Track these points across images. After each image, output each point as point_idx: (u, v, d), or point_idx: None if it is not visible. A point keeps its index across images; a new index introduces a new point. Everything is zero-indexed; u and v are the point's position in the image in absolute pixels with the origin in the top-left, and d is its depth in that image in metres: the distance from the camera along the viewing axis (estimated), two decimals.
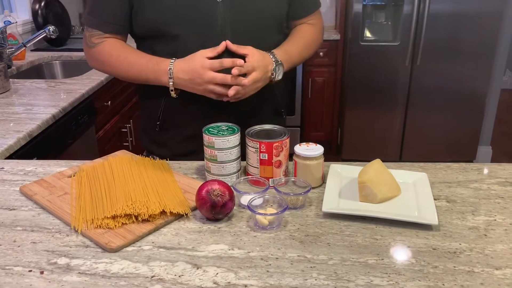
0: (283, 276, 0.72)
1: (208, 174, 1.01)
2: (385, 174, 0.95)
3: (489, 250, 0.78)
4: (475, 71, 3.02)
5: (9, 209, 0.93)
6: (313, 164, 0.98)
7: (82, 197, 0.93)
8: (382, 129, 3.23)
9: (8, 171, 1.09)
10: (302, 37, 1.27)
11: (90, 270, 0.74)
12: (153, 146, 1.29)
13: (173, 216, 0.87)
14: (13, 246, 0.80)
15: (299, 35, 1.27)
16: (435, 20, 2.89)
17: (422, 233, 0.83)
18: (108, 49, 1.17)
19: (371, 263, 0.75)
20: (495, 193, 0.97)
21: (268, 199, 0.91)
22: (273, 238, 0.82)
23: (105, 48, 1.17)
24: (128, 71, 1.16)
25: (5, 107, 1.65)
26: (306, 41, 1.27)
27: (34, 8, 2.65)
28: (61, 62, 2.56)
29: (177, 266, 0.75)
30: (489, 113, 3.22)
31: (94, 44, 1.17)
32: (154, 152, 1.28)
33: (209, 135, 0.97)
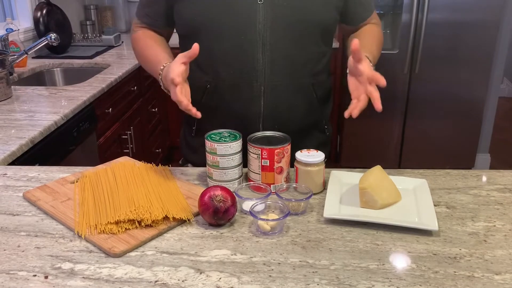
0: (285, 281, 0.73)
1: (210, 180, 1.02)
2: (385, 181, 0.96)
3: (489, 255, 0.79)
4: (473, 79, 3.04)
5: (12, 214, 0.93)
6: (314, 170, 0.99)
7: (85, 203, 0.94)
8: (381, 136, 3.25)
9: (11, 177, 1.10)
10: (374, 35, 1.24)
11: (94, 275, 0.75)
12: (189, 152, 1.29)
13: (175, 222, 0.88)
14: (17, 251, 0.81)
15: (371, 34, 1.24)
16: (433, 29, 2.92)
17: (422, 238, 0.84)
18: (138, 37, 1.24)
19: (372, 268, 0.76)
20: (494, 200, 0.98)
21: (270, 205, 0.91)
22: (275, 243, 0.83)
23: (137, 36, 1.25)
24: (145, 63, 1.22)
25: (7, 113, 1.66)
26: (379, 40, 1.25)
27: (35, 16, 2.67)
28: (62, 69, 2.58)
29: (180, 271, 0.75)
30: (487, 121, 3.24)
31: (133, 31, 1.27)
32: (188, 158, 1.29)
33: (211, 142, 0.98)
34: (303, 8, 1.10)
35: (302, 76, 1.15)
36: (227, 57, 1.11)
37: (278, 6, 1.08)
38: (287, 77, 1.14)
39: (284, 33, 1.10)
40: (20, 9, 2.77)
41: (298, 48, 1.12)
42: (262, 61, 1.10)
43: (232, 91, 1.14)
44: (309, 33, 1.13)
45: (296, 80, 1.15)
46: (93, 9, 3.31)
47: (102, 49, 2.85)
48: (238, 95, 1.14)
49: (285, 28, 1.09)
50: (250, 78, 1.12)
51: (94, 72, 2.34)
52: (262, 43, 1.09)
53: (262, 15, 1.08)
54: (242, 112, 1.15)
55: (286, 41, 1.11)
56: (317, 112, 1.23)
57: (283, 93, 1.14)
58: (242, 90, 1.13)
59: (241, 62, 1.11)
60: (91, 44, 3.00)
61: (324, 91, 1.23)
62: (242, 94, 1.13)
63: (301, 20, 1.10)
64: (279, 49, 1.10)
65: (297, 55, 1.12)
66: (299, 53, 1.12)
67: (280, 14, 1.08)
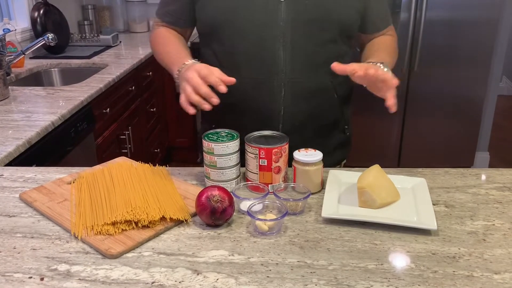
0: (283, 281, 0.72)
1: (208, 180, 1.01)
2: (384, 180, 0.96)
3: (488, 254, 0.79)
4: (472, 77, 3.04)
5: (8, 216, 0.93)
6: (312, 170, 0.99)
7: (82, 204, 0.93)
8: (380, 135, 3.24)
9: (7, 178, 1.09)
10: (387, 45, 1.24)
11: (90, 276, 0.74)
12: None
13: (173, 222, 0.87)
14: (13, 253, 0.80)
15: (383, 43, 1.23)
16: (432, 27, 2.91)
17: (421, 238, 0.83)
18: (157, 35, 1.25)
19: (371, 268, 0.75)
20: (493, 198, 0.98)
21: (267, 205, 0.91)
22: (273, 243, 0.82)
23: (156, 34, 1.26)
24: (163, 60, 1.20)
25: (4, 114, 1.65)
26: (391, 48, 1.25)
27: (33, 16, 2.66)
28: (60, 70, 2.57)
29: (177, 272, 0.75)
30: (486, 119, 3.24)
31: (154, 28, 1.28)
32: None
33: (208, 141, 0.98)
34: (324, 6, 1.10)
35: (322, 74, 1.15)
36: (248, 54, 1.12)
37: (299, 3, 1.09)
38: (307, 74, 1.14)
39: (305, 31, 1.11)
40: (17, 9, 2.76)
41: (318, 46, 1.13)
42: (283, 58, 1.11)
43: (253, 88, 1.14)
44: (329, 31, 1.13)
45: (316, 78, 1.15)
46: (91, 9, 3.30)
47: (100, 49, 2.84)
48: (258, 92, 1.14)
49: (306, 26, 1.10)
50: (271, 74, 1.13)
51: (92, 72, 2.33)
52: (283, 40, 1.10)
53: (283, 13, 1.09)
54: (262, 109, 1.16)
55: (306, 38, 1.11)
56: (337, 112, 1.24)
57: (303, 91, 1.15)
58: (262, 87, 1.14)
59: (262, 58, 1.12)
60: (88, 44, 2.99)
61: (345, 91, 1.23)
62: (262, 90, 1.14)
63: (321, 18, 1.11)
64: (300, 47, 1.11)
65: (317, 53, 1.13)
66: (319, 51, 1.13)
67: (301, 12, 1.09)
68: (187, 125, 3.28)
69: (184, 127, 3.29)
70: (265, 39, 1.10)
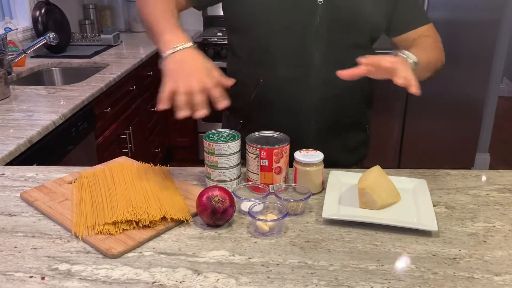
0: (284, 282, 0.72)
1: (209, 180, 1.02)
2: (384, 181, 0.96)
3: (488, 256, 0.79)
4: (473, 78, 3.04)
5: (9, 215, 0.93)
6: (313, 171, 0.99)
7: (83, 203, 0.93)
8: (381, 136, 3.24)
9: (8, 177, 1.09)
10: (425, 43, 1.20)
11: (91, 276, 0.74)
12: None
13: (173, 222, 0.87)
14: (14, 252, 0.80)
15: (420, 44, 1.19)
16: None
17: (421, 239, 0.84)
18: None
19: (371, 269, 0.75)
20: (494, 200, 0.98)
21: (268, 205, 0.91)
22: (274, 244, 0.82)
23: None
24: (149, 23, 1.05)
25: (5, 113, 1.65)
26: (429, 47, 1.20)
27: (34, 15, 2.66)
28: (61, 69, 2.57)
29: (178, 272, 0.75)
30: (486, 120, 3.24)
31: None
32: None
33: (209, 142, 0.98)
34: (358, 9, 1.13)
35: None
36: (285, 52, 1.13)
37: (336, 6, 1.11)
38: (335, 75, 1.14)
39: (339, 33, 1.13)
40: (18, 8, 2.76)
41: (350, 48, 1.15)
42: (318, 58, 1.13)
43: (287, 86, 1.15)
44: (360, 34, 1.16)
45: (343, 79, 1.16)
46: (92, 9, 3.31)
47: (101, 49, 2.84)
48: (292, 90, 1.15)
49: (340, 28, 1.13)
50: (305, 73, 1.14)
51: (93, 72, 2.33)
52: (319, 41, 1.12)
53: (320, 14, 1.10)
54: (294, 107, 1.17)
55: (341, 40, 1.14)
56: (360, 111, 1.28)
57: (333, 90, 1.16)
58: (296, 85, 1.15)
59: (298, 57, 1.13)
60: (90, 44, 2.99)
61: (366, 90, 1.27)
62: (296, 89, 1.15)
63: (355, 21, 1.14)
64: (334, 48, 1.13)
65: (348, 54, 1.13)
66: (350, 53, 1.12)
67: (337, 15, 1.11)
68: (188, 125, 3.29)
69: (184, 126, 3.30)
70: (302, 38, 1.12)
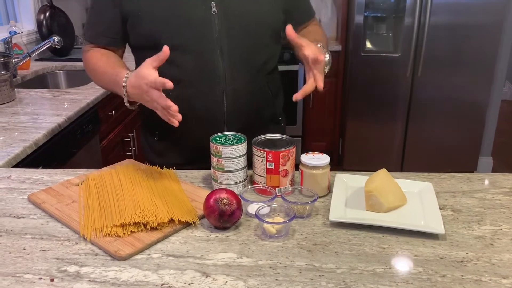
0: (292, 284, 0.72)
1: (215, 183, 1.02)
2: (391, 184, 0.96)
3: (496, 259, 0.79)
4: (476, 82, 3.04)
5: (17, 217, 0.93)
6: (320, 174, 0.99)
7: (91, 206, 0.94)
8: (384, 139, 3.24)
9: (15, 179, 1.10)
10: (317, 31, 1.29)
11: (100, 278, 0.74)
12: (154, 156, 1.30)
13: (181, 225, 0.88)
14: (23, 254, 0.81)
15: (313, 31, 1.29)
16: (436, 32, 2.92)
17: (428, 242, 0.84)
18: (91, 56, 1.21)
19: (379, 272, 0.75)
20: (500, 203, 0.98)
21: (275, 208, 0.91)
22: (281, 246, 0.83)
23: (91, 55, 1.21)
24: (101, 80, 1.19)
25: (11, 116, 1.66)
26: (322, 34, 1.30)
27: (39, 19, 2.68)
28: (65, 72, 2.58)
29: (186, 274, 0.75)
30: (489, 124, 3.24)
31: (85, 51, 1.23)
32: (154, 161, 1.28)
33: (216, 144, 0.98)
34: (254, 13, 1.15)
35: (259, 77, 1.21)
36: (189, 66, 1.14)
37: (231, 15, 1.12)
38: (246, 80, 1.18)
39: (240, 40, 1.15)
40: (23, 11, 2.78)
41: (254, 52, 1.18)
42: (222, 67, 1.14)
43: (196, 98, 1.16)
44: (261, 36, 1.18)
45: (254, 82, 1.20)
46: None
47: None
48: (201, 101, 1.17)
49: (240, 35, 1.14)
50: (212, 84, 1.16)
51: None
52: (221, 51, 1.13)
53: (217, 25, 1.12)
54: (206, 117, 1.18)
55: (242, 46, 1.16)
56: (272, 106, 1.29)
57: (243, 95, 1.19)
58: (205, 96, 1.16)
59: (202, 70, 1.15)
60: None
61: (276, 85, 1.29)
62: (205, 99, 1.16)
63: (253, 26, 1.16)
64: (237, 55, 1.15)
65: (253, 58, 1.18)
66: (255, 56, 1.18)
67: (234, 23, 1.13)
68: None
69: None
70: (203, 51, 1.13)
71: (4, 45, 2.34)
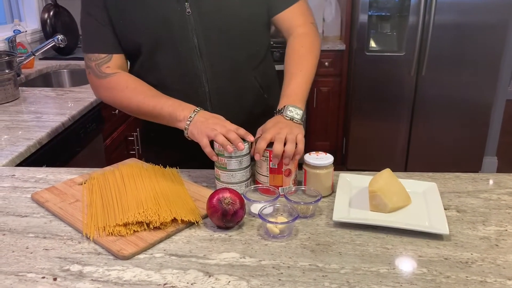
0: (295, 284, 0.72)
1: (218, 182, 1.02)
2: (395, 184, 0.95)
3: (501, 260, 0.78)
4: (481, 81, 3.03)
5: (21, 216, 0.93)
6: (323, 173, 0.98)
7: (94, 205, 0.94)
8: (388, 139, 3.23)
9: (19, 178, 1.10)
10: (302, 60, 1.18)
11: (102, 277, 0.74)
12: (151, 156, 1.29)
13: (184, 224, 0.88)
14: (26, 253, 0.81)
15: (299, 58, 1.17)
16: (440, 31, 2.91)
17: (433, 242, 0.83)
18: (124, 79, 1.14)
19: (383, 272, 0.75)
20: (505, 203, 0.97)
21: (278, 207, 0.91)
22: (284, 246, 0.82)
23: (120, 78, 1.14)
24: (142, 104, 1.11)
25: (15, 115, 1.66)
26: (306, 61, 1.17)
27: (43, 17, 2.68)
28: (69, 71, 2.58)
29: (189, 274, 0.75)
30: (494, 124, 3.22)
31: (106, 74, 1.14)
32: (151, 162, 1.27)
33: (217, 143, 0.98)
34: (229, 9, 1.12)
35: (243, 73, 1.19)
36: (170, 67, 1.14)
37: (205, 13, 1.11)
38: (229, 77, 1.17)
39: (218, 38, 1.13)
40: (27, 10, 2.79)
41: (235, 49, 1.15)
42: (203, 67, 1.14)
43: (180, 99, 1.13)
44: (241, 32, 1.15)
45: (238, 78, 1.19)
46: None
47: None
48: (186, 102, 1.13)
49: (217, 33, 1.13)
50: (194, 84, 1.15)
51: None
52: (199, 51, 1.12)
53: (192, 25, 1.11)
54: None
55: (221, 44, 1.14)
56: (264, 101, 1.26)
57: (228, 93, 1.18)
58: (189, 97, 1.14)
59: (182, 71, 1.14)
60: None
61: (267, 79, 1.26)
62: (189, 100, 1.13)
63: (230, 22, 1.13)
64: (216, 54, 1.14)
65: (234, 55, 1.15)
66: (237, 53, 1.16)
67: (208, 21, 1.11)
68: None
69: None
70: (181, 52, 1.12)
71: (8, 44, 2.35)
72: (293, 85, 1.12)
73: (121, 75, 1.15)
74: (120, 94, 1.14)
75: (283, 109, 1.06)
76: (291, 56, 1.19)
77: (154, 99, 1.11)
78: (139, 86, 1.14)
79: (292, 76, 1.14)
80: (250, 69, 1.21)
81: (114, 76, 1.14)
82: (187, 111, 1.05)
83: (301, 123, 1.06)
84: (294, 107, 1.06)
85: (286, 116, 1.05)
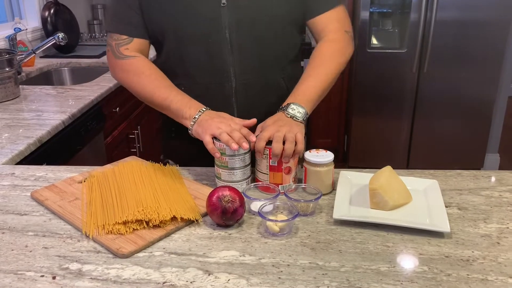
0: (295, 283, 0.72)
1: (218, 180, 1.01)
2: (396, 181, 0.95)
3: (502, 258, 0.78)
4: (483, 78, 3.01)
5: (20, 214, 0.93)
6: (323, 171, 0.98)
7: (93, 203, 0.93)
8: (389, 136, 3.22)
9: (19, 176, 1.10)
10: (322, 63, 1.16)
11: (101, 275, 0.74)
12: (169, 152, 1.30)
13: (183, 222, 0.87)
14: (25, 251, 0.80)
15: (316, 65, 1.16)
16: (442, 28, 2.89)
17: (434, 240, 0.83)
18: (141, 64, 1.14)
19: (383, 271, 0.74)
20: (506, 201, 0.97)
21: (278, 205, 0.90)
22: (284, 244, 0.82)
23: (137, 63, 1.14)
24: (153, 93, 1.11)
25: (15, 113, 1.66)
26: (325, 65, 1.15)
27: (43, 15, 2.68)
28: (70, 69, 2.58)
29: (188, 272, 0.74)
30: (496, 121, 3.21)
31: (124, 56, 1.14)
32: (170, 157, 1.28)
33: (220, 142, 0.98)
34: (265, 6, 1.11)
35: (272, 72, 1.18)
36: (197, 60, 1.13)
37: (241, 7, 1.10)
38: (257, 74, 1.16)
39: (250, 33, 1.12)
40: (28, 8, 2.78)
41: (265, 46, 1.14)
42: (232, 62, 1.13)
43: (206, 92, 1.15)
44: (275, 29, 1.14)
45: (266, 76, 1.17)
46: (101, 9, 3.32)
47: None
48: (211, 96, 1.15)
49: (250, 28, 1.11)
50: (221, 79, 1.14)
51: (102, 72, 2.34)
52: (230, 45, 1.11)
53: (226, 18, 1.09)
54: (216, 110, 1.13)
55: (252, 40, 1.13)
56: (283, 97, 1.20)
57: (254, 90, 1.17)
58: (214, 91, 1.14)
59: (210, 64, 1.13)
60: (98, 44, 3.00)
61: (295, 82, 1.21)
62: (215, 94, 1.14)
63: (265, 19, 1.12)
64: (247, 49, 1.13)
65: (264, 52, 1.14)
66: (267, 51, 1.15)
67: (244, 15, 1.10)
68: None
69: None
70: (211, 45, 1.11)
71: (9, 42, 2.35)
72: (303, 86, 1.11)
73: (138, 60, 1.14)
74: (134, 79, 1.13)
75: (285, 106, 1.06)
76: (314, 59, 1.17)
77: (166, 90, 1.10)
78: (154, 74, 1.13)
79: (306, 77, 1.13)
80: (278, 69, 1.19)
81: (132, 59, 1.14)
82: (193, 109, 1.05)
83: (302, 122, 1.05)
84: (297, 105, 1.05)
85: (287, 114, 1.04)
